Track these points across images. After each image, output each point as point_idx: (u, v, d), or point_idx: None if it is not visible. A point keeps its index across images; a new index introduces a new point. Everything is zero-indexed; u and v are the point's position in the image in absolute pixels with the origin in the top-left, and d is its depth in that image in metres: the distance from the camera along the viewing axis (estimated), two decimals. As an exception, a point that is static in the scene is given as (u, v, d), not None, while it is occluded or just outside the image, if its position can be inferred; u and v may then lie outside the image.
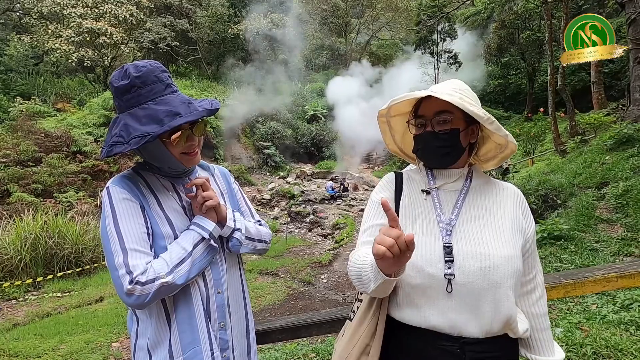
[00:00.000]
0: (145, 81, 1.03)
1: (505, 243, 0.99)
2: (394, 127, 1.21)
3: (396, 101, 1.06)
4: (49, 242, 7.38)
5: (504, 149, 1.11)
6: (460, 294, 0.95)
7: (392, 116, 1.17)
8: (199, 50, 24.34)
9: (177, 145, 1.06)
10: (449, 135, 1.04)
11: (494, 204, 1.06)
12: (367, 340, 1.03)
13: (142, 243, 1.01)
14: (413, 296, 1.00)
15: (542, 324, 1.07)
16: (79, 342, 4.75)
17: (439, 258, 0.97)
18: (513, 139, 1.05)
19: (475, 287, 0.95)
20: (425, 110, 1.06)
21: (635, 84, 8.91)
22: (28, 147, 11.81)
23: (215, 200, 1.11)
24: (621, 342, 2.57)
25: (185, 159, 1.10)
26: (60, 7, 17.03)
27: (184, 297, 1.06)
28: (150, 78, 1.03)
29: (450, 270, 0.96)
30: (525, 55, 19.55)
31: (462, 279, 0.95)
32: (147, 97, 1.03)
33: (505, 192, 1.09)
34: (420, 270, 0.98)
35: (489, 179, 1.13)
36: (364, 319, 1.06)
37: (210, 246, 1.09)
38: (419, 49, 21.34)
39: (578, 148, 9.92)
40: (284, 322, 1.44)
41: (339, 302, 7.09)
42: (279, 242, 10.97)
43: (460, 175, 1.09)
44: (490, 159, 1.17)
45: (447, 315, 0.96)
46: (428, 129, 1.06)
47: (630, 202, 5.75)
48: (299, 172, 19.28)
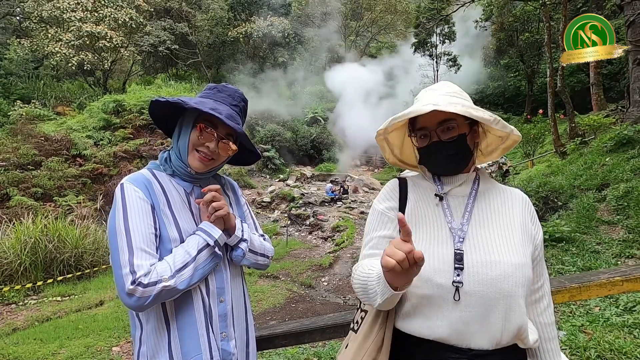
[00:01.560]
0: (225, 90, 1.20)
1: (516, 250, 0.97)
2: (391, 142, 1.20)
3: (397, 119, 1.03)
4: (48, 246, 7.36)
5: (506, 140, 1.11)
6: (469, 303, 0.92)
7: (390, 132, 1.16)
8: (199, 53, 24.39)
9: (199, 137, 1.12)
10: (457, 142, 1.02)
11: (502, 209, 1.04)
12: (374, 355, 1.00)
13: (149, 244, 1.01)
14: (420, 307, 0.98)
15: (549, 334, 1.05)
16: (79, 347, 4.72)
17: (448, 267, 0.95)
18: (517, 130, 1.05)
19: (485, 296, 0.92)
20: (427, 122, 1.04)
21: (634, 85, 8.93)
22: (28, 151, 11.81)
23: (225, 210, 1.11)
24: (625, 345, 2.56)
25: (193, 157, 1.12)
26: (60, 11, 17.08)
27: (185, 304, 1.05)
28: (230, 92, 1.21)
29: (458, 277, 0.93)
30: (524, 57, 19.61)
31: (471, 287, 0.93)
32: (217, 98, 1.18)
33: (513, 197, 1.07)
34: (428, 281, 0.95)
35: (495, 184, 1.11)
36: (370, 332, 1.03)
37: (214, 253, 1.09)
38: (418, 51, 21.39)
39: (578, 150, 9.93)
40: (287, 328, 1.43)
41: (340, 305, 7.06)
42: (279, 245, 10.94)
43: (467, 179, 1.07)
44: (492, 152, 1.17)
45: (454, 325, 0.93)
46: (434, 139, 1.03)
47: (631, 203, 5.75)
48: (298, 175, 19.26)
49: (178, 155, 1.14)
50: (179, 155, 1.14)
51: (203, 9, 24.64)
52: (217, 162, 1.17)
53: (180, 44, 23.37)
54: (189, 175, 1.16)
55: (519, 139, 1.07)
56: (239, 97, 1.22)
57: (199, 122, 1.12)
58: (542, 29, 13.85)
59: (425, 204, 1.08)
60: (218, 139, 1.13)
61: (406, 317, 1.01)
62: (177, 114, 1.19)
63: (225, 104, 1.17)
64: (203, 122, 1.12)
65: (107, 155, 13.23)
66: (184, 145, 1.13)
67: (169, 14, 23.49)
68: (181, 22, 23.37)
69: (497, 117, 1.00)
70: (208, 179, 1.25)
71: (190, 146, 1.12)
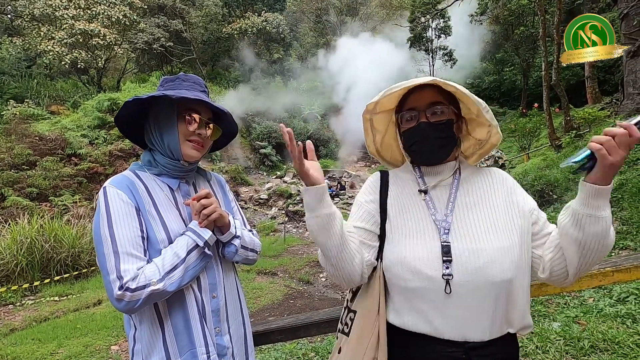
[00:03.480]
0: (189, 79, 1.19)
1: (500, 234, 0.95)
2: (375, 126, 1.16)
3: (392, 90, 1.01)
4: (45, 246, 7.33)
5: (484, 145, 1.11)
6: (460, 295, 0.91)
7: (377, 113, 1.12)
8: (194, 50, 24.21)
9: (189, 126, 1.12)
10: (445, 125, 1.01)
11: (484, 193, 1.03)
12: (373, 353, 0.98)
13: (135, 247, 0.99)
14: (412, 301, 0.97)
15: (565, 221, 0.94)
16: (78, 346, 4.72)
17: (437, 259, 0.94)
18: (499, 130, 1.05)
19: (476, 285, 0.91)
20: (417, 102, 1.02)
21: (628, 78, 8.98)
22: (22, 151, 11.71)
23: (217, 214, 1.11)
24: (618, 335, 2.60)
25: (186, 146, 1.12)
26: (53, 9, 16.87)
27: (179, 301, 1.05)
28: (194, 79, 1.19)
29: (448, 270, 0.92)
30: (519, 51, 19.61)
31: (460, 278, 0.92)
32: (185, 87, 1.16)
33: (492, 177, 1.06)
34: (418, 273, 0.94)
35: (475, 169, 1.11)
36: (363, 331, 1.01)
37: (204, 253, 1.08)
38: (414, 46, 21.35)
39: (573, 143, 9.99)
40: (282, 323, 1.44)
41: (338, 300, 7.09)
42: (277, 242, 10.95)
43: (448, 168, 1.07)
44: (469, 156, 1.17)
45: (448, 319, 0.93)
46: (422, 119, 1.01)
47: (625, 195, 5.80)
48: (295, 172, 19.24)
49: (167, 153, 1.13)
50: (168, 153, 1.13)
51: (197, 5, 24.42)
52: (205, 148, 1.18)
53: (175, 41, 23.18)
54: (179, 170, 1.15)
55: (498, 142, 1.07)
56: (203, 83, 1.23)
57: (184, 112, 1.12)
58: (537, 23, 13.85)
59: (407, 197, 1.06)
60: (206, 124, 1.15)
61: (399, 312, 1.00)
62: (140, 117, 1.17)
63: (197, 91, 1.17)
64: (188, 111, 1.12)
65: (103, 154, 13.15)
66: (174, 140, 1.11)
67: (162, 11, 23.25)
68: (175, 18, 23.15)
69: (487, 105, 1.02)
70: (193, 173, 1.25)
71: (181, 138, 1.11)
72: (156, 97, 1.09)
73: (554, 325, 2.91)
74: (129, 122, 1.18)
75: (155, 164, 1.14)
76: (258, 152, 19.90)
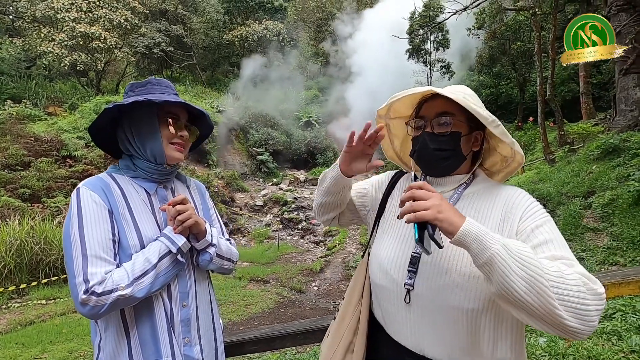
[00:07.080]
0: (160, 82, 1.20)
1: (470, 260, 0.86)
2: (393, 131, 1.14)
3: (397, 97, 1.00)
4: (34, 248, 7.25)
5: (510, 162, 1.02)
6: (418, 308, 0.91)
7: (392, 118, 1.10)
8: (194, 56, 24.35)
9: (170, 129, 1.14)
10: (448, 138, 0.96)
11: (477, 213, 0.94)
12: (351, 337, 1.00)
13: (105, 250, 0.98)
14: (380, 298, 1.00)
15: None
16: (62, 351, 4.64)
17: (404, 265, 0.94)
18: (519, 148, 0.95)
19: (434, 303, 0.89)
20: (427, 111, 0.99)
21: (620, 95, 9.10)
22: (17, 151, 11.64)
23: (192, 220, 1.09)
24: (603, 352, 2.59)
25: (170, 149, 1.13)
26: (54, 12, 16.96)
27: (146, 309, 1.03)
28: (165, 83, 1.21)
29: (411, 280, 0.92)
30: (516, 65, 19.86)
31: (422, 292, 0.91)
32: (158, 91, 1.17)
33: (498, 197, 0.96)
34: (385, 272, 0.97)
35: (491, 186, 1.01)
36: (345, 315, 1.04)
37: (177, 260, 1.07)
38: (412, 57, 21.60)
39: (566, 157, 10.06)
40: (257, 333, 1.42)
41: (329, 310, 7.03)
42: (271, 249, 10.89)
43: (455, 182, 1.01)
44: (494, 173, 1.07)
45: (408, 328, 0.92)
46: (427, 129, 0.98)
47: (616, 211, 5.83)
48: (292, 179, 19.23)
49: (148, 158, 1.12)
50: (150, 158, 1.12)
51: (199, 11, 24.65)
52: (186, 149, 1.20)
53: (175, 46, 23.33)
54: (160, 173, 1.14)
55: (522, 162, 1.00)
56: (173, 86, 1.25)
57: (165, 116, 1.13)
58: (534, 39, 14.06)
59: None
60: (186, 127, 1.19)
61: (374, 305, 1.04)
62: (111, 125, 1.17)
63: (171, 94, 1.18)
64: (168, 114, 1.14)
65: (98, 156, 13.10)
66: (157, 145, 1.11)
67: (164, 16, 23.44)
68: (177, 24, 23.33)
69: (498, 120, 0.94)
70: (172, 178, 1.24)
71: (164, 142, 1.12)
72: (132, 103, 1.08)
73: (540, 341, 2.90)
74: (98, 130, 1.16)
75: (134, 167, 1.13)
76: (255, 158, 19.90)
